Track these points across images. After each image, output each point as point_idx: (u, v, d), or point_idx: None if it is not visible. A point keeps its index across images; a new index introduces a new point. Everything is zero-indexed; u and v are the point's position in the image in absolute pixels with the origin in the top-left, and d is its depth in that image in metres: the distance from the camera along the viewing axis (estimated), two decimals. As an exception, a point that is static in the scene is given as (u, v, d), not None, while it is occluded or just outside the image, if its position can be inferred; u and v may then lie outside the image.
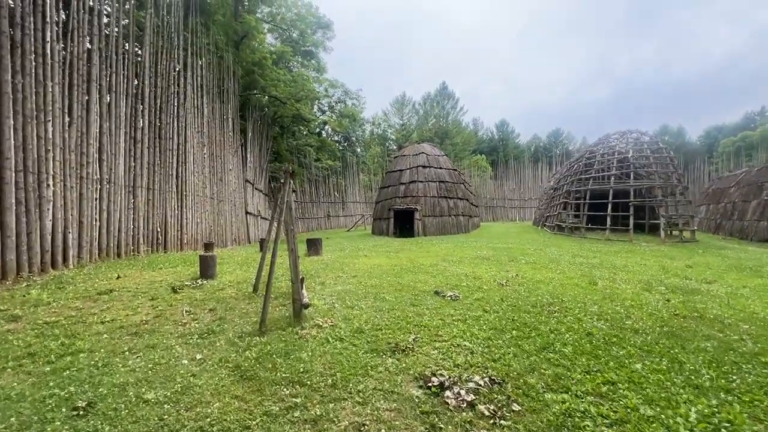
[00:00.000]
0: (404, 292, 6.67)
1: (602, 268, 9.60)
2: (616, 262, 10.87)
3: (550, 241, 16.88)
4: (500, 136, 76.97)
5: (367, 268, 9.36)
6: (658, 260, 11.56)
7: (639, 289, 6.94)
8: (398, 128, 60.50)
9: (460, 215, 23.51)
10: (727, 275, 9.26)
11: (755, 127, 49.37)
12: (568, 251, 13.05)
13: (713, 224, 23.76)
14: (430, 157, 24.44)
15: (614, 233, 18.44)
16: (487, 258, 11.11)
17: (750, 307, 5.97)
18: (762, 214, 19.45)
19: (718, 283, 8.10)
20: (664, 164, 18.45)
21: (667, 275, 8.85)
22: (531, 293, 6.49)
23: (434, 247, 14.79)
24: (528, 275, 8.41)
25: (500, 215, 43.20)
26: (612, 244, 15.98)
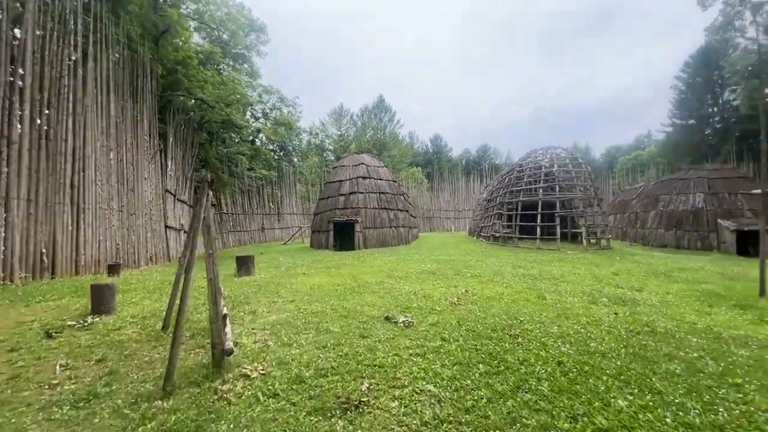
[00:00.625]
0: (351, 319, 5.81)
1: (543, 279, 9.65)
2: (554, 271, 11.11)
3: (488, 252, 17.16)
4: (434, 149, 79.82)
5: (307, 290, 8.32)
6: (587, 268, 12.10)
7: (586, 302, 6.87)
8: (336, 139, 59.65)
9: (401, 227, 23.23)
10: (648, 281, 9.84)
11: (644, 147, 57.18)
12: (507, 262, 13.19)
13: (620, 232, 26.39)
14: (370, 168, 23.94)
15: (543, 242, 19.40)
16: (433, 272, 10.68)
17: (685, 316, 6.12)
18: (659, 222, 21.94)
19: (645, 291, 8.46)
20: (584, 178, 19.98)
21: (602, 284, 9.11)
22: (486, 313, 6.03)
23: (377, 260, 14.10)
24: (477, 291, 8.05)
25: (437, 226, 44.18)
26: (543, 253, 16.68)
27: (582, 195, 19.69)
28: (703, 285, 9.34)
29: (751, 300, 7.63)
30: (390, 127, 58.34)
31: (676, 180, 22.44)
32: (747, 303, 7.32)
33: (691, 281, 9.92)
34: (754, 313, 6.57)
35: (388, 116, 58.19)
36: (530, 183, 20.84)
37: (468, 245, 20.86)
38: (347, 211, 22.17)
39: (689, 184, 21.32)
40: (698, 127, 37.46)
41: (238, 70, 29.54)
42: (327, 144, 60.36)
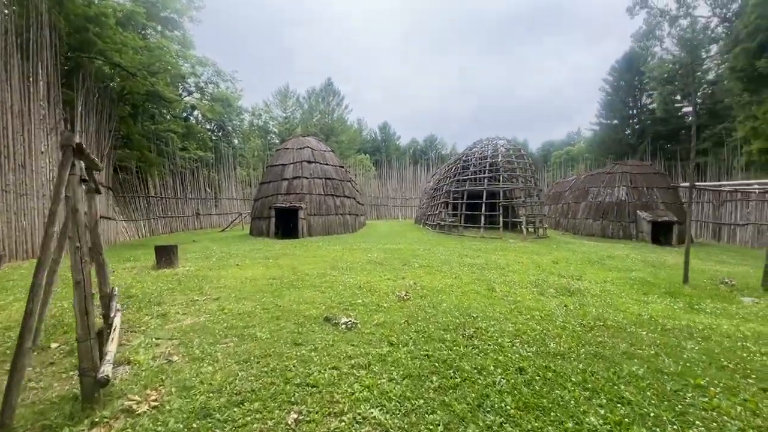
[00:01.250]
0: (284, 321, 4.94)
1: (490, 269, 9.47)
2: (499, 261, 11.05)
3: (435, 240, 16.99)
4: (383, 137, 79.27)
5: (237, 284, 7.24)
6: (529, 257, 12.28)
7: (535, 294, 6.66)
8: (281, 121, 56.56)
9: (347, 214, 22.38)
10: (586, 270, 10.11)
11: (574, 144, 61.58)
12: (453, 251, 12.99)
13: (554, 221, 27.97)
14: (316, 152, 22.66)
15: (486, 231, 19.75)
16: (380, 263, 10.05)
17: (628, 306, 6.11)
18: (589, 213, 23.45)
19: (585, 280, 8.58)
20: (526, 169, 20.58)
21: (545, 273, 9.12)
22: (437, 309, 5.50)
23: (321, 250, 13.19)
24: (426, 283, 7.55)
25: (384, 213, 43.91)
26: (487, 242, 16.88)
27: (523, 185, 20.28)
28: (633, 273, 9.77)
29: (677, 287, 8.01)
30: (338, 112, 56.58)
31: (603, 174, 24.06)
32: (674, 290, 7.64)
33: (622, 269, 10.37)
34: (683, 300, 6.81)
35: (336, 100, 56.31)
36: (476, 173, 21.03)
37: (415, 233, 20.63)
38: (290, 197, 20.81)
39: (615, 178, 22.95)
40: (621, 126, 40.82)
41: (169, 38, 26.14)
42: (271, 126, 57.08)
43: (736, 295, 7.42)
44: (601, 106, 43.21)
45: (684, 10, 28.11)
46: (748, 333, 4.86)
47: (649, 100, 38.94)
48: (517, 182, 20.42)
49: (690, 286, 8.14)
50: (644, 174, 22.60)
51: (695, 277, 9.17)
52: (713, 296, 7.19)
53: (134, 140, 25.77)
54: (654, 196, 21.65)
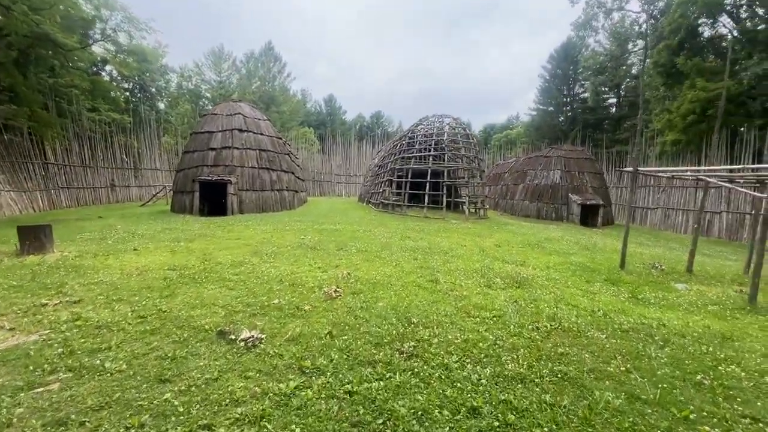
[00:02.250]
0: (159, 337, 3.56)
1: (433, 253, 8.67)
2: (442, 243, 10.35)
3: (377, 220, 16.01)
4: (328, 110, 75.83)
5: (118, 279, 5.56)
6: (472, 239, 11.80)
7: (482, 286, 5.90)
8: (215, 86, 51.03)
9: (285, 190, 20.50)
10: (527, 254, 9.78)
11: (513, 127, 63.89)
12: (395, 232, 12.10)
13: (493, 202, 28.51)
14: (249, 120, 20.20)
15: (430, 210, 19.23)
16: (313, 246, 8.78)
17: (576, 298, 5.60)
18: (526, 195, 24.04)
19: (530, 266, 8.14)
20: (470, 148, 20.19)
21: (489, 258, 8.55)
22: (370, 312, 4.45)
23: (249, 230, 11.53)
24: (362, 273, 6.48)
25: (327, 190, 42.07)
26: (430, 222, 16.30)
27: (467, 166, 19.93)
28: (572, 257, 9.61)
29: (616, 273, 7.85)
30: (280, 80, 52.40)
31: (541, 157, 24.67)
32: (614, 277, 7.42)
33: (562, 253, 10.23)
34: (626, 289, 6.54)
35: (277, 67, 51.96)
36: (421, 150, 20.22)
37: (357, 212, 19.49)
38: (218, 169, 18.42)
39: (551, 161, 23.61)
40: (555, 113, 42.65)
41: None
42: (203, 90, 51.41)
43: (670, 281, 7.39)
44: (539, 93, 44.70)
45: (618, 3, 29.20)
46: (699, 330, 4.49)
47: (582, 90, 40.94)
48: (461, 162, 20.01)
49: (627, 272, 8.03)
50: (576, 159, 23.49)
51: (628, 261, 9.22)
52: (650, 283, 7.05)
53: (22, 94, 21.07)
54: (584, 180, 22.65)
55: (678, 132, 22.46)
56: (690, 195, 22.44)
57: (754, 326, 4.88)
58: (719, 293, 6.69)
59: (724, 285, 7.69)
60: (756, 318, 5.24)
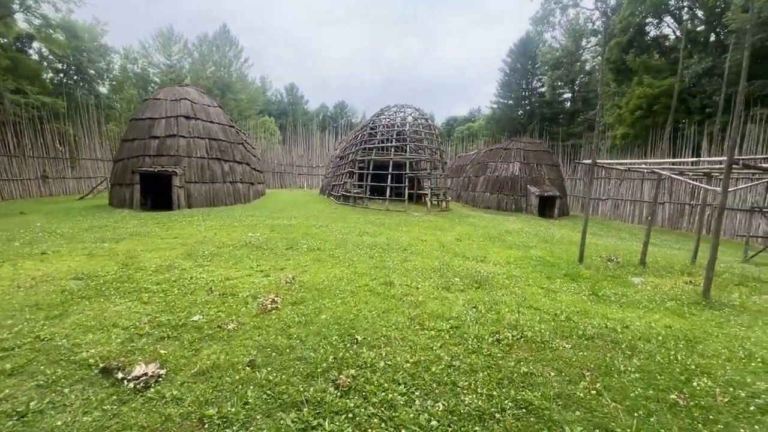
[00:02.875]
0: (17, 381, 2.67)
1: (391, 250, 8.10)
2: (401, 239, 9.81)
3: (337, 213, 15.24)
4: (290, 99, 73.16)
5: (1, 295, 4.48)
6: (433, 233, 11.38)
7: (440, 289, 5.39)
8: (164, 70, 47.22)
9: (239, 182, 19.12)
10: (488, 248, 9.48)
11: (475, 120, 64.78)
12: (354, 226, 11.42)
13: (456, 194, 28.53)
14: (198, 107, 18.53)
15: (392, 203, 18.71)
16: (260, 246, 7.90)
17: (538, 299, 5.24)
18: (487, 186, 24.16)
19: (490, 261, 7.79)
20: (432, 140, 19.80)
21: (449, 255, 8.11)
22: (309, 329, 3.76)
23: (191, 227, 10.38)
24: (310, 276, 5.77)
25: (288, 182, 40.43)
26: (391, 215, 15.76)
27: (430, 157, 19.54)
28: (532, 250, 9.43)
29: (574, 267, 7.68)
30: (237, 65, 49.43)
31: (501, 149, 24.84)
32: (574, 272, 7.23)
33: (521, 246, 10.04)
34: (586, 285, 6.32)
35: (233, 51, 48.92)
36: (383, 141, 19.57)
37: (317, 205, 18.57)
38: (162, 160, 16.76)
39: (510, 153, 23.82)
40: (515, 106, 43.47)
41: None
42: (152, 74, 47.49)
43: (626, 274, 7.31)
44: (500, 86, 45.31)
45: (573, 0, 29.85)
46: (662, 331, 4.23)
47: (539, 84, 41.92)
48: (424, 153, 19.59)
49: (585, 266, 7.90)
50: (535, 151, 23.87)
51: (585, 254, 9.17)
52: (608, 278, 6.90)
53: None
54: (542, 173, 23.06)
55: (627, 126, 23.39)
56: (636, 186, 23.53)
57: (711, 323, 4.74)
58: (673, 286, 6.65)
59: (675, 276, 7.76)
60: (712, 314, 5.12)
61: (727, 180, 5.33)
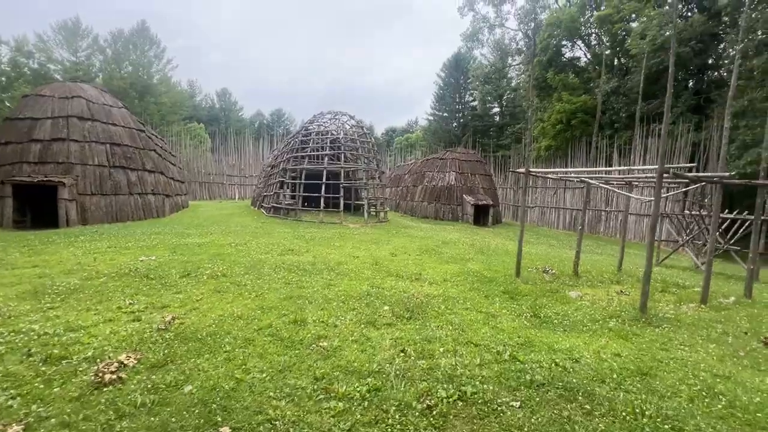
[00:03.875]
0: None
1: (315, 273, 6.92)
2: (331, 256, 8.68)
3: (264, 227, 13.62)
4: (222, 105, 68.45)
5: None
6: (367, 248, 10.42)
7: (363, 324, 4.35)
8: (68, 67, 41.19)
9: (150, 194, 16.53)
10: (424, 263, 8.74)
11: (413, 131, 66.06)
12: (278, 243, 10.02)
13: (394, 204, 28.08)
14: (96, 107, 15.73)
15: (327, 214, 17.49)
16: (146, 274, 6.23)
17: (479, 330, 4.45)
18: (424, 196, 23.98)
19: (426, 280, 6.98)
20: (369, 149, 19.00)
21: (382, 274, 7.16)
22: (155, 417, 2.48)
23: (67, 250, 8.20)
24: (197, 317, 4.39)
25: (218, 193, 37.03)
26: (325, 228, 14.54)
27: (366, 166, 18.70)
28: (469, 264, 8.86)
29: (511, 282, 7.16)
30: (158, 66, 44.83)
31: (437, 159, 24.92)
32: (511, 288, 6.67)
33: (458, 259, 9.46)
34: (525, 303, 5.74)
35: (155, 51, 44.36)
36: (316, 150, 18.32)
37: (243, 218, 16.68)
38: (47, 168, 13.84)
39: (446, 163, 23.95)
40: (450, 119, 44.84)
41: None
42: (53, 72, 41.16)
43: (563, 287, 6.95)
44: (435, 99, 46.53)
45: (499, 21, 31.51)
46: (614, 364, 3.64)
47: (471, 98, 43.74)
48: (360, 162, 18.69)
49: (522, 279, 7.44)
50: (469, 161, 24.27)
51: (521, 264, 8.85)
52: (546, 294, 6.43)
53: None
54: (476, 182, 23.46)
55: (550, 138, 24.82)
56: (560, 195, 24.99)
57: (656, 345, 4.30)
58: (608, 299, 6.38)
59: (606, 285, 7.62)
60: (653, 332, 4.75)
61: (659, 189, 5.07)
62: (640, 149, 19.62)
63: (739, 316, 5.67)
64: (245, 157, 40.58)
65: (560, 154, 25.03)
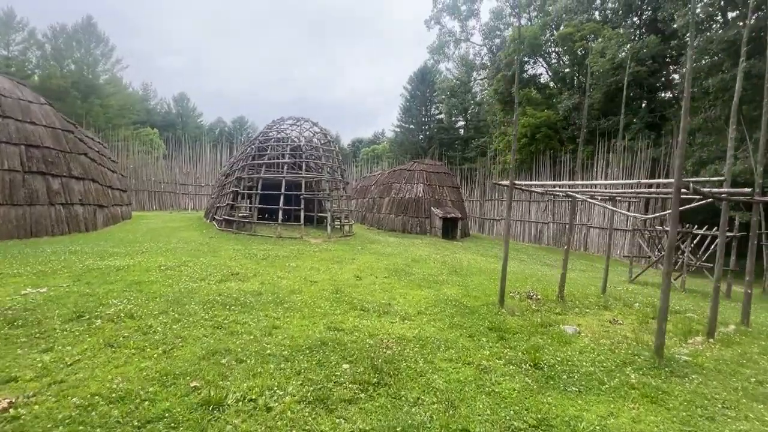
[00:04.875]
0: None
1: (258, 309, 5.40)
2: (283, 282, 7.18)
3: (210, 244, 11.78)
4: (179, 111, 64.33)
5: None
6: (328, 268, 9.00)
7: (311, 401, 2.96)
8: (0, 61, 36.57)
9: (78, 204, 14.06)
10: (393, 288, 7.47)
11: (380, 142, 65.45)
12: (222, 265, 8.34)
13: (360, 216, 26.75)
14: (10, 102, 13.20)
15: (286, 228, 15.82)
16: (12, 320, 4.43)
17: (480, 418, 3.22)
18: (392, 208, 22.87)
19: (397, 314, 5.70)
20: (333, 158, 17.61)
21: (342, 307, 5.79)
22: None
23: None
24: (51, 403, 2.80)
25: (171, 203, 33.85)
26: (283, 244, 12.92)
27: (330, 176, 17.28)
28: (444, 288, 7.70)
29: (495, 313, 6.05)
30: (105, 65, 41.04)
31: (405, 170, 23.99)
32: (498, 322, 5.54)
33: (431, 281, 8.28)
34: (518, 347, 4.60)
35: (101, 49, 40.61)
36: (275, 157, 16.68)
37: (189, 233, 14.63)
38: (-67, 172, 11.20)
39: (414, 175, 23.06)
40: (416, 131, 44.51)
41: None
42: (-24, 66, 36.41)
43: (554, 319, 5.93)
44: (401, 112, 46.14)
45: (465, 35, 31.65)
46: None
47: (437, 111, 43.75)
48: (323, 172, 17.25)
49: (506, 308, 6.36)
50: (437, 173, 23.55)
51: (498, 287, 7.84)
52: (540, 330, 5.36)
53: None
54: (444, 194, 22.72)
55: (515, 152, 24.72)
56: (525, 208, 24.88)
57: (696, 410, 3.28)
58: (604, 331, 5.42)
59: (596, 312, 6.75)
60: (683, 386, 3.75)
61: (676, 207, 4.17)
62: (603, 164, 19.78)
63: (754, 353, 4.88)
64: (202, 164, 37.67)
65: (525, 167, 25.01)
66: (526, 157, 24.39)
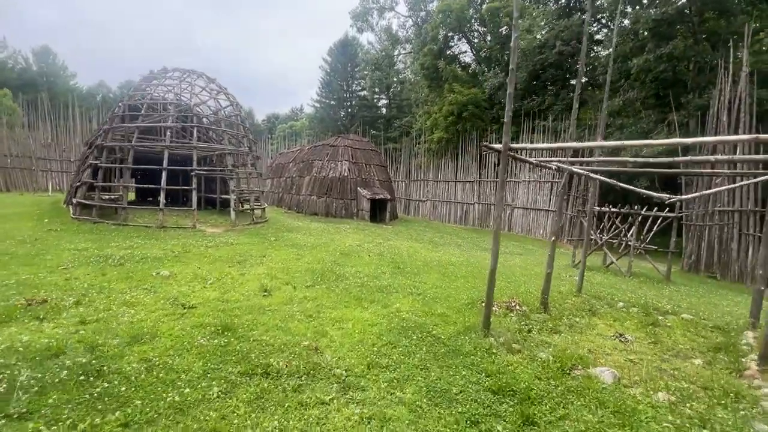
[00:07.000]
0: None
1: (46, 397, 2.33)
2: (134, 310, 4.00)
3: (43, 242, 7.48)
4: (42, 69, 49.74)
5: None
6: (224, 275, 5.93)
7: None
8: None
9: None
10: (322, 308, 4.86)
11: (298, 118, 59.90)
12: (33, 283, 4.68)
13: (277, 197, 22.98)
14: None
15: (174, 214, 11.76)
16: None
17: None
18: (313, 189, 19.73)
19: (332, 375, 3.15)
20: (236, 125, 13.70)
21: (228, 364, 3.01)
22: None
23: None
24: None
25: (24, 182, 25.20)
26: (164, 237, 9.14)
27: (233, 149, 13.44)
28: (395, 302, 5.32)
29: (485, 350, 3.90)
30: None
31: (327, 146, 20.86)
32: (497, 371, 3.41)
33: (374, 289, 5.83)
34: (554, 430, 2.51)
35: None
36: (154, 121, 12.19)
37: (21, 223, 9.70)
38: None
39: (338, 151, 20.11)
40: (338, 107, 40.98)
41: None
42: None
43: (577, 362, 3.99)
44: (321, 86, 41.96)
45: (390, 3, 28.92)
46: None
47: (359, 87, 40.67)
48: (223, 143, 13.31)
49: (494, 333, 4.25)
50: (363, 150, 20.96)
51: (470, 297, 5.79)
52: (562, 381, 3.33)
53: None
54: (372, 173, 20.32)
55: (442, 131, 23.39)
56: (450, 188, 23.97)
57: None
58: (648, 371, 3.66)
59: (590, 324, 5.12)
60: None
61: None
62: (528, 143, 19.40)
63: None
64: (72, 135, 28.91)
65: (451, 146, 23.91)
66: (453, 135, 23.23)
